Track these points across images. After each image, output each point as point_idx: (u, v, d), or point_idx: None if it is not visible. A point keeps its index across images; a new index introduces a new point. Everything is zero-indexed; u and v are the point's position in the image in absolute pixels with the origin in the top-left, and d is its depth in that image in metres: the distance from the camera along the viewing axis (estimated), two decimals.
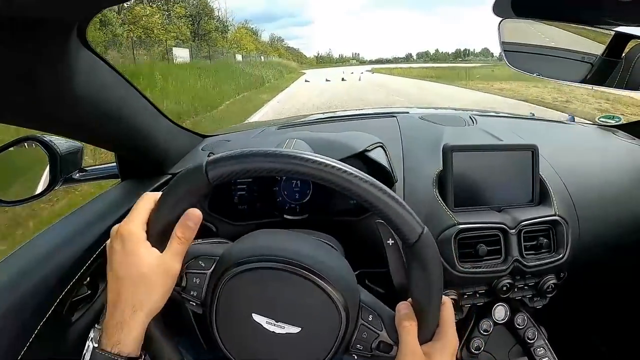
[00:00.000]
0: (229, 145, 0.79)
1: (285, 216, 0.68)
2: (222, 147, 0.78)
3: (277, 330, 0.38)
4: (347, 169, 0.34)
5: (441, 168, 0.66)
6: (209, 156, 0.70)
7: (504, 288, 0.67)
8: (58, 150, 0.73)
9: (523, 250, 0.66)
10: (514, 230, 0.65)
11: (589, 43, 0.81)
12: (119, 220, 0.67)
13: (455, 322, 0.70)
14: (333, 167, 0.34)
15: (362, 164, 0.66)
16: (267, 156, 0.35)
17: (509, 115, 1.11)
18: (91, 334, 0.38)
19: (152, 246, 0.38)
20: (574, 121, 1.14)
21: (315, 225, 0.61)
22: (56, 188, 0.75)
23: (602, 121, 1.03)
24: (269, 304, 0.38)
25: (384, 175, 0.65)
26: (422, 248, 0.37)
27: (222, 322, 0.39)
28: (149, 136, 0.67)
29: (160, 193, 0.39)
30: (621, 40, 0.78)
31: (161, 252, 0.38)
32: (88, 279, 0.65)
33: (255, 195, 0.70)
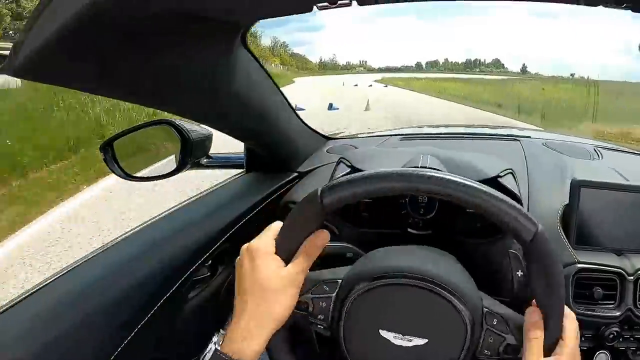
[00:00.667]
0: (357, 152, 0.81)
1: (409, 229, 0.69)
2: (349, 152, 0.80)
3: (405, 344, 0.40)
4: (455, 179, 0.37)
5: (567, 202, 0.65)
6: (338, 162, 0.73)
7: (611, 336, 0.64)
8: (190, 135, 0.81)
9: (637, 299, 0.63)
10: (632, 277, 0.63)
11: None
12: (247, 211, 0.72)
13: None
14: (436, 177, 0.38)
15: (495, 189, 0.66)
16: (379, 178, 0.38)
17: (635, 152, 1.05)
18: (215, 338, 0.40)
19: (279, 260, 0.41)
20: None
21: (437, 243, 0.62)
22: (183, 171, 0.83)
23: None
24: (395, 318, 0.40)
25: (517, 201, 0.65)
26: (539, 245, 0.37)
27: (350, 340, 0.41)
28: (283, 132, 0.72)
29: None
30: None
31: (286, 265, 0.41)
32: (210, 262, 0.71)
33: (380, 204, 0.71)
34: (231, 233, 0.71)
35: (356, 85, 23.85)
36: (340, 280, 0.43)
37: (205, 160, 0.84)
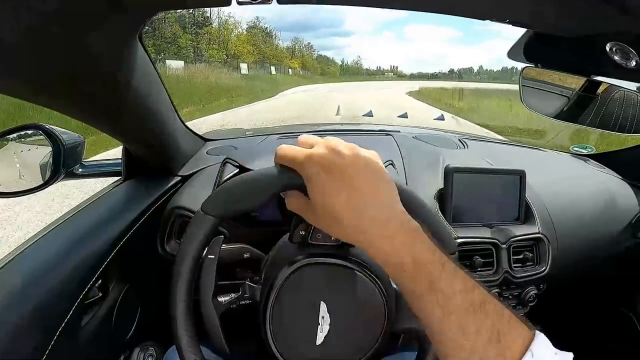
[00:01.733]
0: (243, 151, 0.80)
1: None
2: (230, 152, 0.78)
3: (319, 328, 0.40)
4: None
5: (441, 186, 0.72)
6: (224, 163, 0.71)
7: None
8: (62, 141, 0.71)
9: (512, 263, 0.73)
10: (505, 245, 0.72)
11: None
12: (128, 225, 0.66)
13: None
14: None
15: None
16: None
17: (494, 141, 1.21)
18: None
19: None
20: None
21: None
22: (56, 182, 0.73)
23: (575, 150, 1.13)
24: (334, 300, 0.40)
25: None
26: None
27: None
28: (167, 134, 0.67)
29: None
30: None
31: None
32: (100, 281, 0.63)
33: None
34: (119, 247, 0.64)
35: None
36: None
37: (80, 169, 0.75)
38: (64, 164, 0.72)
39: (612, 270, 0.99)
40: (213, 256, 0.45)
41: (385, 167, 0.70)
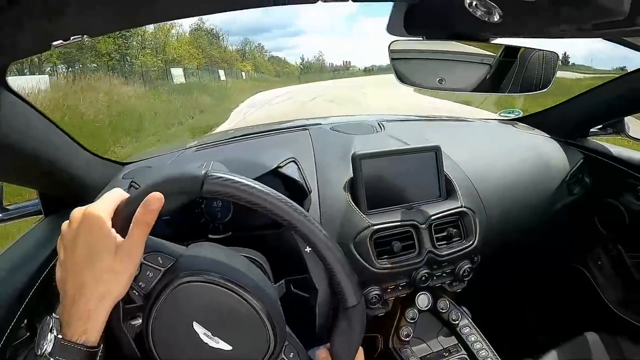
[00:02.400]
0: (148, 171, 0.81)
1: (209, 236, 0.71)
2: (143, 173, 0.80)
3: (211, 343, 0.40)
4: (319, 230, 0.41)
5: (352, 175, 0.73)
6: (129, 187, 0.73)
7: (423, 278, 0.74)
8: None
9: (435, 241, 0.73)
10: (424, 225, 0.72)
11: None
12: (48, 260, 0.68)
13: (382, 315, 0.77)
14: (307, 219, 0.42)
15: (278, 180, 0.72)
16: (261, 193, 0.40)
17: (415, 118, 1.21)
18: (50, 323, 0.37)
19: (117, 233, 0.38)
20: None
21: (240, 242, 0.65)
22: None
23: (503, 115, 1.15)
24: (210, 316, 0.40)
25: (297, 188, 0.71)
26: (355, 314, 0.44)
27: (160, 322, 0.40)
28: (69, 170, 0.68)
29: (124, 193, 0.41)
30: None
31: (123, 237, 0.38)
32: (25, 320, 0.66)
33: (180, 218, 0.72)
34: (40, 283, 0.66)
35: None
36: (175, 259, 0.42)
37: (1, 214, 0.78)
38: None
39: (554, 230, 1.01)
40: None
41: (284, 165, 0.73)
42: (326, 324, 0.70)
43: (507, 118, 1.13)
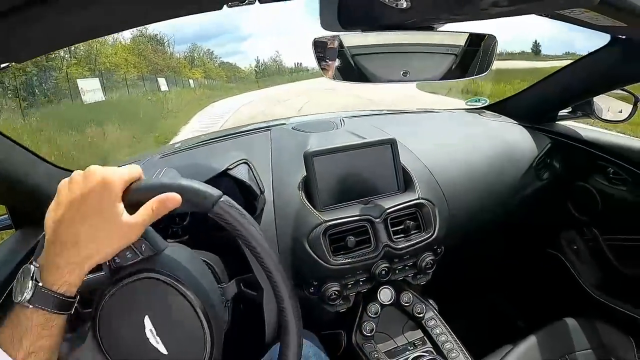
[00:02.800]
0: (168, 172, 0.81)
1: (168, 240, 0.72)
2: None
3: (152, 341, 0.41)
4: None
5: (305, 174, 0.73)
6: None
7: (383, 272, 0.74)
8: None
9: (392, 235, 0.73)
10: (379, 219, 0.72)
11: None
12: (16, 268, 0.70)
13: (344, 311, 0.77)
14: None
15: (229, 181, 0.72)
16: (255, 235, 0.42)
17: (378, 113, 1.20)
18: (31, 271, 0.37)
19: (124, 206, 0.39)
20: None
21: (197, 245, 0.66)
22: None
23: (470, 105, 1.14)
24: (162, 316, 0.41)
25: (247, 190, 0.71)
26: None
27: (116, 301, 0.41)
28: (29, 182, 0.70)
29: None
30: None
31: (130, 214, 0.40)
32: None
33: None
34: (8, 294, 0.68)
35: None
36: (154, 253, 0.44)
37: None
38: None
39: (525, 217, 1.00)
40: None
41: (233, 167, 0.73)
42: (274, 322, 0.71)
43: (474, 107, 1.13)
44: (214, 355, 0.43)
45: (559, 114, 1.05)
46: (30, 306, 0.36)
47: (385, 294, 0.78)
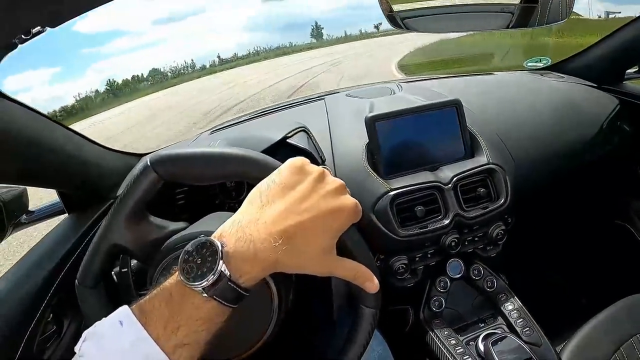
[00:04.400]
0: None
1: None
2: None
3: None
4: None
5: (368, 140, 0.68)
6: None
7: (453, 244, 0.69)
8: (0, 197, 0.74)
9: (462, 203, 0.67)
10: (449, 186, 0.66)
11: None
12: (69, 254, 0.68)
13: (412, 286, 0.72)
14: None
15: (288, 151, 0.67)
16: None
17: (436, 77, 1.13)
18: (218, 250, 0.30)
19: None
20: None
21: None
22: (7, 237, 0.75)
23: (530, 66, 1.06)
24: None
25: (307, 157, 0.67)
26: None
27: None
28: (79, 166, 0.68)
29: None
30: None
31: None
32: (51, 315, 0.65)
33: (194, 201, 0.70)
34: (62, 278, 0.66)
35: None
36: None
37: (26, 217, 0.77)
38: (8, 218, 0.74)
39: (592, 184, 0.93)
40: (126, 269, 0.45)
41: (291, 135, 0.68)
42: (342, 303, 0.67)
43: (535, 67, 1.04)
44: (273, 332, 0.40)
45: (626, 73, 0.96)
46: (205, 295, 0.29)
47: (455, 267, 0.73)
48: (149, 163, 0.40)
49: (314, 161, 0.67)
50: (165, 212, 0.73)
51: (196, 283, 0.29)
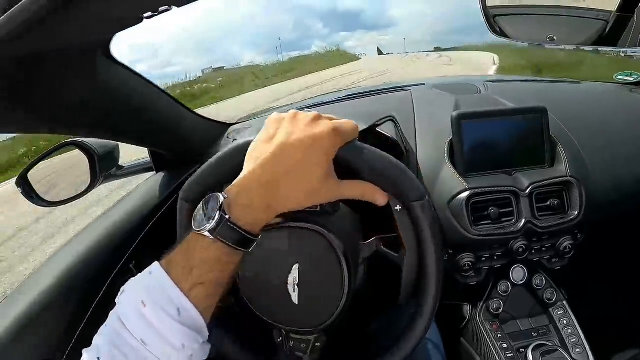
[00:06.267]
0: (250, 131, 0.84)
1: None
2: (243, 133, 0.83)
3: (289, 288, 0.41)
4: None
5: (451, 136, 0.68)
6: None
7: (520, 250, 0.69)
8: (95, 151, 0.81)
9: (535, 211, 0.67)
10: (525, 192, 0.66)
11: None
12: (156, 209, 0.75)
13: (474, 284, 0.73)
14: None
15: (374, 138, 0.69)
16: None
17: (522, 80, 1.10)
18: (219, 201, 0.34)
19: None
20: None
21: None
22: (97, 186, 0.83)
23: (620, 79, 1.00)
24: (307, 265, 0.41)
25: (393, 147, 0.68)
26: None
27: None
28: (175, 130, 0.74)
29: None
30: None
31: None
32: (133, 262, 0.73)
33: None
34: (148, 231, 0.73)
35: None
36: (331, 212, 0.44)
37: (116, 171, 0.85)
38: (100, 170, 0.82)
39: None
40: None
41: (381, 124, 0.70)
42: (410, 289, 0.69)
43: (625, 82, 0.99)
44: (339, 318, 0.42)
45: None
46: (211, 237, 0.34)
47: (518, 273, 0.73)
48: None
49: (399, 150, 0.69)
50: None
51: (202, 227, 0.34)
